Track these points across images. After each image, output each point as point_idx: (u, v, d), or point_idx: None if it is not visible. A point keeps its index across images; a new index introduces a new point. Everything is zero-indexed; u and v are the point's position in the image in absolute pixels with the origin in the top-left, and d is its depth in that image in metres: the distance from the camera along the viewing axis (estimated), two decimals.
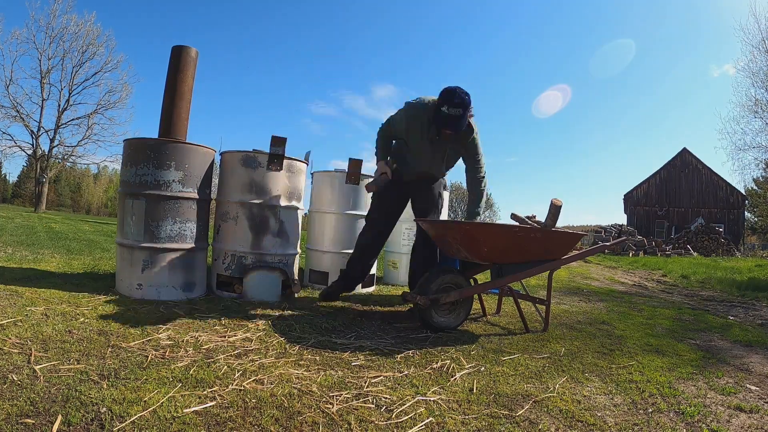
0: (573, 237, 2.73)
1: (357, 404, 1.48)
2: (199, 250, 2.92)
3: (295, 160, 3.11)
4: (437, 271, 2.64)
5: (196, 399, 1.41)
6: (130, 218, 2.78)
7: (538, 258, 2.68)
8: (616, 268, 9.19)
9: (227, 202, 3.03)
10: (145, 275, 2.72)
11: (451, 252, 2.76)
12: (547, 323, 2.76)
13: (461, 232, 2.58)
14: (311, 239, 3.79)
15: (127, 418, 1.25)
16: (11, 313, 2.09)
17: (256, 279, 2.98)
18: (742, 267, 8.92)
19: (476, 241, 2.55)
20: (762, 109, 16.17)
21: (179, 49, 3.09)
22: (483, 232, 2.58)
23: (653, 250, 15.56)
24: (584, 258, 3.09)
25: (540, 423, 1.45)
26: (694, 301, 4.80)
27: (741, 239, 25.77)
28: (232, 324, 2.31)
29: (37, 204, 24.35)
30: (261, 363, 1.78)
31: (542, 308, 2.96)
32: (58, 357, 1.63)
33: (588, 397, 1.70)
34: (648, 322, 3.23)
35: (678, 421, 1.55)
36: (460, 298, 2.56)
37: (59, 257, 4.27)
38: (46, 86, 23.82)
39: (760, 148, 16.62)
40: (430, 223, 2.81)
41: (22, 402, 1.28)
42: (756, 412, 1.68)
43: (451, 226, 2.70)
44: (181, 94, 3.08)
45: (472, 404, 1.56)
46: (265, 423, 1.31)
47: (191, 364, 1.70)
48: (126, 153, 2.89)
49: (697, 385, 1.93)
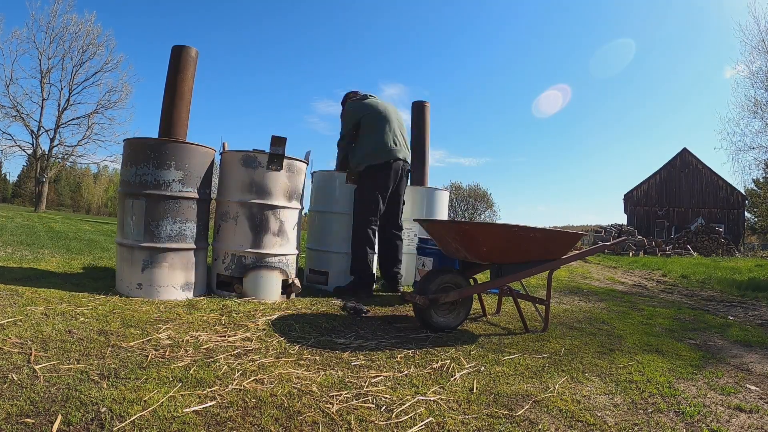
0: (572, 237, 2.73)
1: (357, 404, 1.48)
2: (199, 250, 2.92)
3: (295, 159, 3.11)
4: (437, 271, 2.64)
5: (196, 399, 1.41)
6: (130, 218, 2.78)
7: (538, 258, 2.68)
8: (616, 268, 9.19)
9: (227, 202, 3.03)
10: (145, 275, 2.72)
11: (451, 252, 2.76)
12: (546, 323, 2.76)
13: (460, 232, 2.58)
14: (311, 239, 3.79)
15: (127, 417, 1.25)
16: (11, 312, 2.09)
17: (256, 279, 2.98)
18: (742, 267, 8.92)
19: (475, 240, 2.55)
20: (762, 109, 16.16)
21: (179, 49, 3.09)
22: (482, 231, 2.58)
23: (653, 250, 15.55)
24: (584, 258, 3.11)
25: (540, 423, 1.45)
26: (694, 301, 4.80)
27: (741, 239, 25.77)
28: (232, 324, 2.31)
29: (37, 204, 24.35)
30: (261, 363, 1.78)
31: (542, 308, 2.96)
32: (58, 357, 1.63)
33: (588, 397, 1.70)
34: (648, 322, 3.23)
35: (678, 421, 1.55)
36: (459, 297, 2.56)
37: (59, 257, 4.27)
38: (46, 86, 23.83)
39: (760, 149, 16.61)
40: (430, 222, 2.81)
41: (22, 402, 1.28)
42: (756, 412, 1.68)
43: (450, 227, 2.70)
44: (181, 94, 3.08)
45: (472, 404, 1.56)
46: (265, 423, 1.31)
47: (191, 363, 1.70)
48: (126, 153, 2.89)
49: (697, 385, 1.93)
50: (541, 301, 2.83)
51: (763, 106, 15.95)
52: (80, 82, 24.66)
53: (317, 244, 3.72)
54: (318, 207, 3.75)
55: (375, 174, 3.47)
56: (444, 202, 4.43)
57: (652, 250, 15.63)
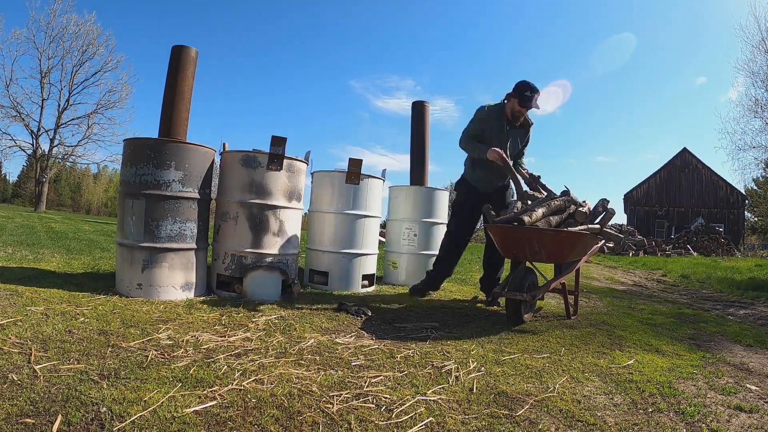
0: (594, 238, 3.09)
1: (357, 404, 1.48)
2: (199, 250, 2.92)
3: (296, 159, 3.12)
4: (524, 272, 2.89)
5: (196, 399, 1.41)
6: (130, 218, 2.78)
7: (580, 256, 3.07)
8: (616, 267, 9.19)
9: (227, 202, 3.04)
10: (145, 275, 2.72)
11: (523, 255, 2.92)
12: (576, 310, 3.27)
13: (557, 238, 2.78)
14: (311, 239, 3.79)
15: (127, 417, 1.25)
16: (11, 312, 2.09)
17: (256, 279, 2.98)
18: (742, 267, 8.92)
19: (562, 245, 2.79)
20: (762, 108, 16.14)
21: (179, 49, 3.09)
22: (573, 238, 2.82)
23: (653, 250, 15.55)
24: (590, 255, 3.34)
25: (540, 423, 1.45)
26: (694, 300, 4.80)
27: (741, 239, 25.74)
28: (232, 324, 2.31)
29: (37, 204, 24.36)
30: (261, 363, 1.78)
31: (567, 299, 3.27)
32: (58, 357, 1.63)
33: (588, 397, 1.70)
34: (648, 322, 3.23)
35: (678, 421, 1.55)
36: (545, 292, 2.91)
37: (59, 257, 4.27)
38: (46, 86, 23.85)
39: (760, 148, 16.58)
40: (514, 228, 2.83)
41: (22, 402, 1.28)
42: (756, 412, 1.68)
43: (546, 233, 2.80)
44: (181, 94, 3.09)
45: (472, 404, 1.56)
46: (265, 423, 1.31)
47: (191, 364, 1.70)
48: (126, 153, 2.90)
49: (697, 385, 1.93)
50: (571, 292, 3.26)
51: (763, 106, 15.93)
52: (80, 82, 24.71)
53: (317, 245, 3.72)
54: (318, 207, 3.75)
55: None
56: (444, 202, 4.44)
57: (652, 250, 15.63)
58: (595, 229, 3.04)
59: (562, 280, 2.95)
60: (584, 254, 3.10)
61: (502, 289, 2.90)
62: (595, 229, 3.05)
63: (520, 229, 2.78)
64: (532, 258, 2.90)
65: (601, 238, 3.17)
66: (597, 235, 3.07)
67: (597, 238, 3.11)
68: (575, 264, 3.06)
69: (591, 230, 2.99)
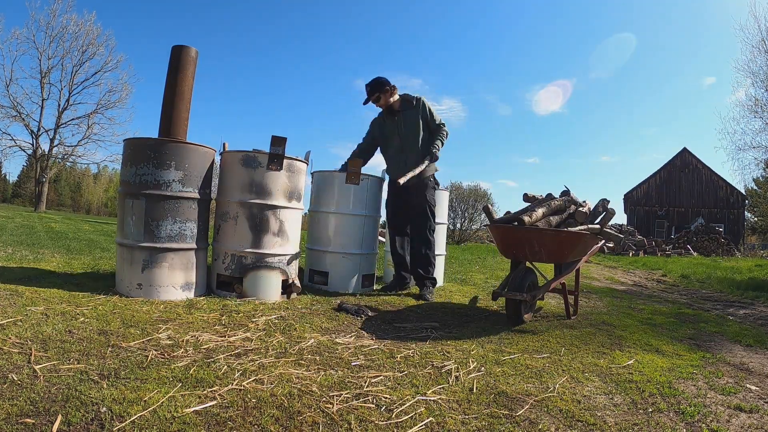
0: (595, 237, 3.11)
1: (357, 404, 1.48)
2: (199, 250, 2.92)
3: (296, 159, 3.11)
4: (524, 272, 2.90)
5: (196, 399, 1.41)
6: (130, 218, 2.78)
7: (581, 256, 3.09)
8: (616, 267, 9.19)
9: (227, 202, 3.03)
10: (145, 275, 2.72)
11: (523, 255, 2.92)
12: (576, 309, 3.29)
13: (557, 238, 2.79)
14: (311, 239, 3.79)
15: (127, 417, 1.25)
16: (11, 312, 2.09)
17: (256, 279, 2.98)
18: (742, 267, 8.92)
19: (562, 245, 2.79)
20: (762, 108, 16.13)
21: (179, 49, 3.09)
22: (573, 237, 2.82)
23: (653, 250, 15.54)
24: (590, 255, 3.38)
25: (540, 423, 1.45)
26: (694, 300, 4.80)
27: (741, 239, 25.74)
28: (232, 324, 2.31)
29: (37, 204, 24.34)
30: (261, 363, 1.78)
31: (567, 299, 3.28)
32: (58, 357, 1.63)
33: (588, 397, 1.70)
34: (648, 322, 3.23)
35: (678, 421, 1.55)
36: (545, 292, 2.93)
37: (59, 257, 4.26)
38: (46, 86, 23.79)
39: (760, 148, 16.56)
40: (514, 228, 2.86)
41: (22, 402, 1.28)
42: (756, 412, 1.68)
43: (546, 233, 2.81)
44: (181, 94, 3.08)
45: (472, 404, 1.56)
46: (265, 423, 1.31)
47: (191, 364, 1.70)
48: (126, 153, 2.89)
49: (697, 385, 1.93)
50: (571, 292, 3.28)
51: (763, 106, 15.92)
52: (80, 82, 24.64)
53: (317, 244, 3.72)
54: (318, 207, 3.75)
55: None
56: (444, 202, 4.43)
57: (652, 250, 15.62)
58: (595, 229, 3.06)
59: (562, 280, 2.96)
60: (584, 254, 3.12)
61: (502, 288, 2.90)
62: (595, 229, 3.07)
63: (520, 229, 2.78)
64: (532, 258, 2.91)
65: (601, 238, 3.20)
66: (597, 235, 3.10)
67: (597, 238, 3.14)
68: (575, 264, 3.08)
69: (591, 230, 3.01)
